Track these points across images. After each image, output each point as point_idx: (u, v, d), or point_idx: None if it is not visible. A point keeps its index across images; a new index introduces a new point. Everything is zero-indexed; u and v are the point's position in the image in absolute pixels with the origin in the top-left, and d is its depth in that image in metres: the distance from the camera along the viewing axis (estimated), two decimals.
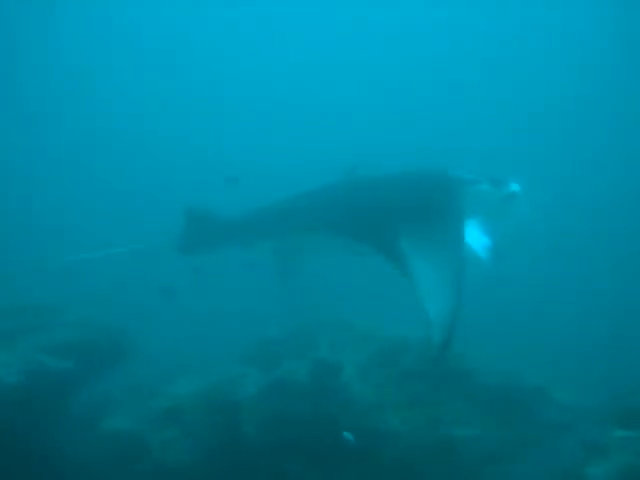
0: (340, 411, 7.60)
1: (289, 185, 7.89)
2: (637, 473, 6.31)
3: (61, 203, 22.40)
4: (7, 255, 14.97)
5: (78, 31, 29.53)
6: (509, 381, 7.91)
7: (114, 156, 26.62)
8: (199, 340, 10.39)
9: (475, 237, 6.78)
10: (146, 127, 28.44)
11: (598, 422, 7.26)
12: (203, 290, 11.43)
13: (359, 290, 11.23)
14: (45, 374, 7.70)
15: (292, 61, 30.72)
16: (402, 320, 9.18)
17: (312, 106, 27.87)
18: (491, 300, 11.00)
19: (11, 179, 23.82)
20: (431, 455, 7.39)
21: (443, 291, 5.74)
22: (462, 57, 28.97)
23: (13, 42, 27.88)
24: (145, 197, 21.42)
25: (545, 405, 7.83)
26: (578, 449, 7.05)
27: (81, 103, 29.58)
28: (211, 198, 8.73)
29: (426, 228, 6.30)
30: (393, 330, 8.93)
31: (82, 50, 30.01)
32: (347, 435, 7.05)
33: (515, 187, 7.26)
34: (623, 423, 6.99)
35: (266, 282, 9.38)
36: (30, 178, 24.53)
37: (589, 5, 24.91)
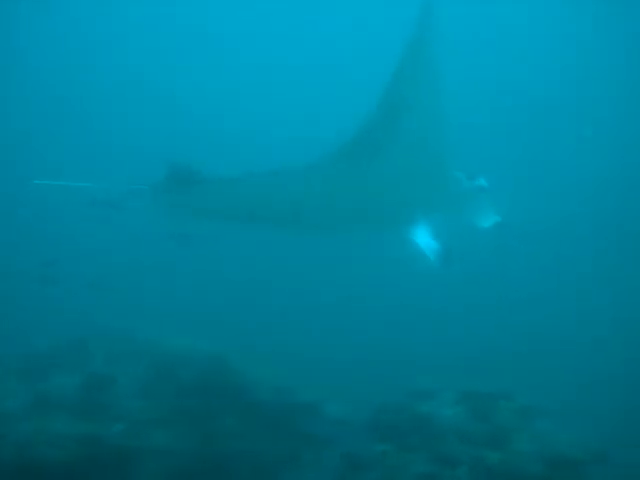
0: (108, 428, 7.28)
1: None
2: None
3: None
4: None
5: None
6: (283, 396, 8.03)
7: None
8: None
9: (425, 240, 7.07)
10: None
11: (363, 436, 7.58)
12: None
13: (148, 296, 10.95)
14: None
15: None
16: (187, 330, 9.08)
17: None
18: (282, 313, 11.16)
19: None
20: (203, 470, 7.32)
21: None
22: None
23: None
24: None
25: (316, 420, 8.05)
26: (342, 462, 7.33)
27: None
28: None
29: None
30: (175, 342, 8.76)
31: None
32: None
33: (484, 182, 7.54)
34: (383, 437, 7.36)
35: None
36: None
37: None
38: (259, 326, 9.82)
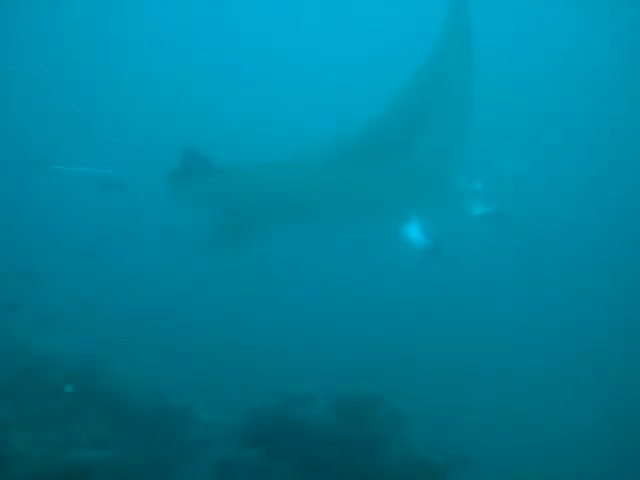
0: None
1: None
2: None
3: None
4: None
5: None
6: (155, 401, 7.84)
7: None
8: None
9: (416, 235, 7.40)
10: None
11: (234, 441, 7.50)
12: None
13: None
14: None
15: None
16: (60, 330, 8.73)
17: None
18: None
19: None
20: (62, 478, 6.98)
21: None
22: None
23: None
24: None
25: (189, 424, 7.89)
26: (212, 468, 7.23)
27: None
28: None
29: None
30: (45, 342, 8.36)
31: None
32: None
33: (479, 185, 7.93)
34: (254, 442, 7.32)
35: None
36: None
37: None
38: (135, 328, 9.55)
